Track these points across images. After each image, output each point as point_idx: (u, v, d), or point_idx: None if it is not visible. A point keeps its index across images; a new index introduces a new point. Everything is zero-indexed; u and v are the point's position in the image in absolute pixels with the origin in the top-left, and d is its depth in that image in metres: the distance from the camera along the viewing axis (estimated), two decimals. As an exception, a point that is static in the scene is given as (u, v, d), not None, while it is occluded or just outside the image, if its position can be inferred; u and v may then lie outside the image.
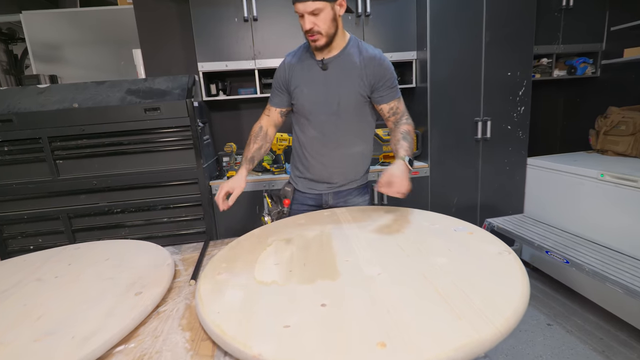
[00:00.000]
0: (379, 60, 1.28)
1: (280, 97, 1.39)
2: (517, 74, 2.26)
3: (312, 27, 1.18)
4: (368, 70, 1.27)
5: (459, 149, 2.31)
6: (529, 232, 2.14)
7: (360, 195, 1.48)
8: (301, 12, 1.17)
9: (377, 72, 1.27)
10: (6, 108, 1.83)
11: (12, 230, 2.01)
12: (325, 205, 1.47)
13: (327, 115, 1.32)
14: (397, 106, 1.33)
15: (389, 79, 1.29)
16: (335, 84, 1.29)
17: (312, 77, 1.31)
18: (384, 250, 0.98)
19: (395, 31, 2.27)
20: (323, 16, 1.17)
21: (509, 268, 0.83)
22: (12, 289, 0.96)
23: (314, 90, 1.31)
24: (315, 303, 0.75)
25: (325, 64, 1.29)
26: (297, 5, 1.16)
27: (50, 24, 2.41)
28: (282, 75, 1.37)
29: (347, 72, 1.28)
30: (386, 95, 1.31)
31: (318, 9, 1.15)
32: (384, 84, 1.29)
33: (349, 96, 1.29)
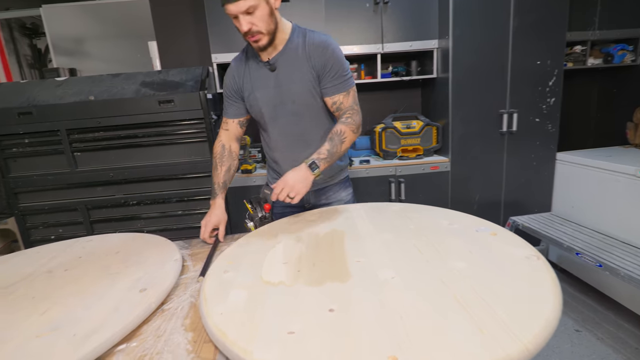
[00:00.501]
0: (323, 47, 1.15)
1: (235, 107, 1.29)
2: (547, 62, 2.11)
3: (250, 27, 1.06)
4: (313, 60, 1.16)
5: (482, 143, 2.19)
6: (557, 231, 2.01)
7: (342, 190, 1.41)
8: (234, 14, 1.04)
9: (320, 61, 1.16)
10: (26, 101, 1.87)
11: (34, 221, 2.06)
12: (307, 205, 1.40)
13: (286, 116, 1.24)
14: (342, 102, 1.20)
15: (333, 67, 1.16)
16: (286, 83, 1.19)
17: (262, 80, 1.21)
18: (399, 251, 0.92)
19: (415, 19, 2.16)
20: (259, 14, 1.05)
21: (537, 275, 0.76)
22: (23, 281, 0.96)
23: (267, 94, 1.22)
24: (323, 307, 0.70)
25: (272, 64, 1.19)
26: (228, 6, 1.03)
27: (70, 17, 2.44)
28: (232, 83, 1.27)
29: (295, 67, 1.17)
30: (330, 87, 1.18)
31: (252, 6, 1.03)
32: (327, 74, 1.16)
33: (302, 92, 1.20)
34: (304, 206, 1.41)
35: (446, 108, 2.14)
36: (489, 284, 0.73)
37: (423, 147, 2.25)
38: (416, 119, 2.28)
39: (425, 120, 2.24)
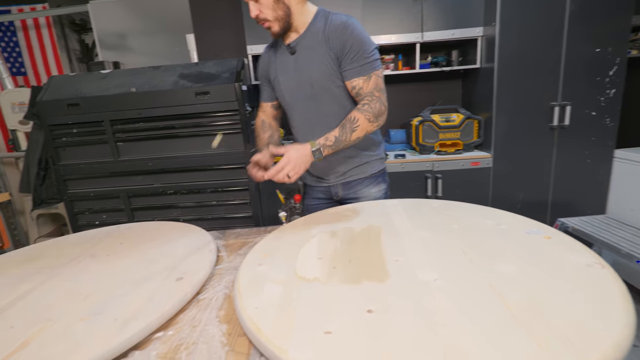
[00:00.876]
0: (342, 27, 1.10)
1: (267, 91, 1.35)
2: (607, 50, 1.92)
3: (257, 14, 1.09)
4: (332, 42, 1.12)
5: (529, 138, 2.04)
6: (613, 236, 1.84)
7: (374, 185, 1.34)
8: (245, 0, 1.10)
9: (339, 42, 1.11)
10: (74, 92, 1.96)
11: (81, 207, 2.17)
12: (335, 198, 1.39)
13: (305, 101, 1.22)
14: (362, 86, 1.13)
15: (352, 49, 1.10)
16: (305, 66, 1.18)
17: (284, 64, 1.23)
18: (441, 251, 0.86)
19: (458, 5, 2.03)
20: (263, 1, 1.08)
21: (603, 286, 0.67)
22: (70, 263, 1.01)
23: (288, 78, 1.23)
24: (360, 308, 0.66)
25: (292, 48, 1.19)
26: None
27: (114, 13, 2.54)
28: (262, 68, 1.32)
29: (314, 50, 1.15)
30: (348, 70, 1.13)
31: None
32: (346, 56, 1.12)
33: (320, 76, 1.17)
34: (332, 198, 1.39)
35: (490, 100, 2.01)
36: (545, 293, 0.66)
37: (463, 142, 2.13)
38: (456, 111, 2.16)
39: (466, 114, 2.12)
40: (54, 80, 2.05)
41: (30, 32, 3.10)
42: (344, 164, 1.31)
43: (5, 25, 3.11)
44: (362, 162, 1.31)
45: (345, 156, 1.29)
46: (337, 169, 1.31)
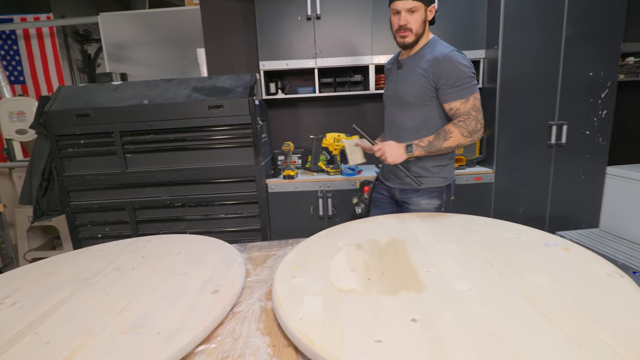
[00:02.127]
0: (443, 59, 1.29)
1: None
2: (600, 74, 2.04)
3: (405, 23, 1.28)
4: (431, 69, 1.31)
5: (528, 155, 2.13)
6: (609, 248, 1.92)
7: (426, 198, 1.44)
8: (400, 9, 1.28)
9: (438, 71, 1.30)
10: (84, 103, 1.96)
11: (83, 219, 2.14)
12: (394, 198, 1.55)
13: (395, 108, 1.45)
14: (459, 108, 1.31)
15: (451, 78, 1.29)
16: (403, 80, 1.40)
17: (391, 75, 1.49)
18: (469, 263, 0.90)
19: (462, 29, 2.14)
20: (417, 16, 1.29)
21: (627, 292, 0.72)
22: (94, 277, 1.00)
23: (390, 87, 1.49)
24: (404, 317, 0.69)
25: (400, 63, 1.42)
26: (398, 3, 1.27)
27: (123, 25, 2.56)
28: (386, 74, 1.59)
29: (414, 70, 1.36)
30: (447, 94, 1.31)
31: (416, 7, 1.27)
32: (445, 83, 1.30)
33: (411, 92, 1.37)
34: (392, 197, 1.56)
35: (492, 118, 2.10)
36: (576, 301, 0.70)
37: (466, 158, 2.20)
38: (459, 128, 2.24)
39: (469, 130, 2.21)
40: (63, 90, 2.05)
41: (32, 41, 3.08)
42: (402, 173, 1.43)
43: (7, 34, 3.08)
44: (422, 175, 1.43)
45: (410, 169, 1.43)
46: (398, 175, 1.47)
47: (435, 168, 1.42)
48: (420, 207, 1.45)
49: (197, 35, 2.39)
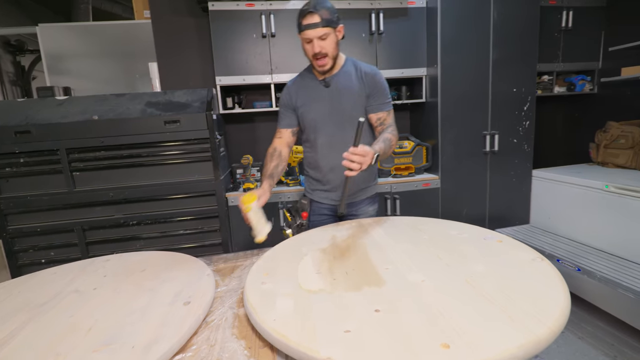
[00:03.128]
0: (373, 74, 1.43)
1: (289, 118, 1.51)
2: (522, 90, 2.36)
3: (320, 50, 1.32)
4: (365, 83, 1.42)
5: (468, 162, 2.38)
6: (538, 241, 2.20)
7: (370, 205, 1.58)
8: (311, 38, 1.31)
9: (371, 84, 1.42)
10: (24, 119, 1.84)
11: (23, 244, 1.98)
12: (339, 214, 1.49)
13: (335, 125, 1.44)
14: (385, 118, 1.44)
15: (381, 90, 1.43)
16: (338, 97, 1.43)
17: (317, 95, 1.45)
18: (421, 258, 1.01)
19: (406, 49, 2.36)
20: (329, 41, 1.32)
21: (546, 273, 0.87)
22: (52, 301, 0.95)
23: (321, 105, 1.45)
24: (368, 309, 0.77)
25: (327, 82, 1.44)
26: (308, 32, 1.30)
27: (65, 37, 2.43)
28: (288, 99, 1.51)
29: (347, 85, 1.42)
30: (376, 105, 1.43)
31: (326, 33, 1.30)
32: (376, 95, 1.42)
33: (352, 106, 1.42)
34: (337, 215, 1.55)
35: (435, 129, 2.32)
36: (508, 283, 0.83)
37: (415, 166, 2.40)
38: (407, 139, 2.44)
39: (416, 141, 2.41)
40: (-2, 106, 1.90)
41: (-46, 52, 2.80)
42: (355, 188, 1.50)
43: None
44: (367, 185, 1.54)
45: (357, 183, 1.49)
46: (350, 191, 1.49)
47: (373, 175, 1.58)
48: (368, 214, 1.56)
49: (147, 49, 2.35)
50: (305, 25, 1.29)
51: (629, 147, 2.33)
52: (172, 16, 2.33)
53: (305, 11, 1.29)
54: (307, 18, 1.29)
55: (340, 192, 1.50)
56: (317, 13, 1.27)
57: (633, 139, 2.31)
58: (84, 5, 2.91)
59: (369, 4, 2.26)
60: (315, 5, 1.28)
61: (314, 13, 1.27)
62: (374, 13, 2.26)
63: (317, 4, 1.29)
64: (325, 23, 1.28)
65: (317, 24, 1.27)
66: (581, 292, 2.18)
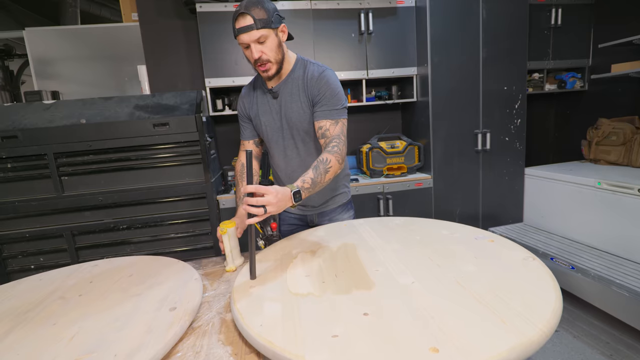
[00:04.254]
0: (319, 77, 1.23)
1: (248, 129, 1.40)
2: (512, 88, 2.36)
3: (260, 55, 1.15)
4: (309, 89, 1.24)
5: (460, 160, 2.38)
6: (532, 239, 2.20)
7: (345, 212, 1.49)
8: (247, 42, 1.14)
9: (314, 89, 1.23)
10: (11, 124, 1.81)
11: (12, 250, 1.95)
12: (310, 224, 1.48)
13: (286, 140, 1.32)
14: (328, 128, 1.22)
15: (325, 96, 1.22)
16: (285, 110, 1.28)
17: (265, 106, 1.32)
18: (412, 259, 1.00)
19: (396, 48, 2.35)
20: (269, 44, 1.16)
21: (537, 272, 0.86)
22: (36, 308, 0.93)
23: (269, 119, 1.32)
24: (357, 312, 0.76)
25: (275, 92, 1.28)
26: (242, 36, 1.13)
27: (53, 41, 2.40)
28: (242, 109, 1.39)
29: (293, 95, 1.26)
30: (318, 112, 1.23)
31: (263, 36, 1.13)
32: (320, 101, 1.23)
33: (298, 119, 1.27)
34: (308, 224, 1.49)
35: (427, 129, 2.32)
36: (499, 283, 0.82)
37: (407, 166, 2.39)
38: (399, 139, 2.43)
39: (408, 140, 2.40)
40: (-16, 111, 1.87)
41: (-60, 56, 2.76)
42: (320, 197, 1.42)
43: None
44: (335, 194, 1.45)
45: (321, 193, 1.39)
46: (314, 201, 1.42)
47: (344, 181, 1.47)
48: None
49: (136, 51, 2.32)
50: (239, 29, 1.12)
51: (620, 143, 2.34)
52: (160, 19, 2.31)
53: (237, 12, 1.12)
54: (239, 21, 1.11)
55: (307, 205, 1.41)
56: (249, 14, 1.10)
57: (624, 135, 2.32)
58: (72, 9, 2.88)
59: (357, 4, 2.26)
60: (247, 5, 1.10)
61: (246, 14, 1.10)
62: (363, 13, 2.25)
63: (249, 3, 1.11)
64: (261, 24, 1.11)
65: (251, 26, 1.10)
66: (575, 290, 2.18)
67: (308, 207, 1.44)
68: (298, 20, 2.22)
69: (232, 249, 1.19)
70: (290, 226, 1.49)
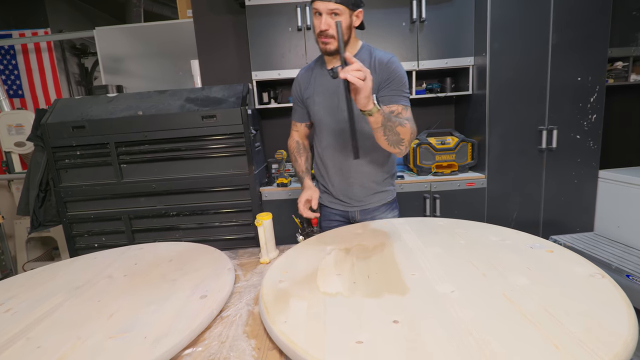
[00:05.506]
0: (388, 62, 1.24)
1: (300, 112, 1.44)
2: (588, 79, 2.08)
3: (327, 28, 1.16)
4: (376, 74, 1.23)
5: (520, 160, 2.15)
6: (603, 252, 1.93)
7: (389, 212, 1.44)
8: (321, 10, 1.15)
9: (383, 74, 1.23)
10: (80, 115, 1.99)
11: (80, 229, 2.15)
12: (352, 221, 1.44)
13: (340, 123, 1.30)
14: (400, 112, 1.23)
15: (395, 81, 1.23)
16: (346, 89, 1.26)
17: (323, 85, 1.32)
18: (454, 266, 0.91)
19: (451, 37, 2.19)
20: (340, 20, 1.15)
21: (606, 294, 0.73)
22: (86, 285, 1.01)
23: (326, 99, 1.31)
24: (386, 319, 0.70)
25: (335, 72, 1.22)
26: (318, 3, 1.14)
27: (118, 39, 2.62)
28: (296, 89, 1.41)
29: None
30: (388, 96, 1.23)
31: (338, 9, 1.14)
32: (388, 85, 1.23)
33: None
34: (349, 221, 1.45)
35: (483, 124, 2.13)
36: (556, 301, 0.71)
37: (458, 164, 2.23)
38: (451, 135, 2.27)
39: (460, 137, 2.23)
40: (59, 103, 2.08)
41: (31, 55, 3.14)
42: (364, 191, 1.38)
43: (5, 49, 3.14)
44: (379, 191, 1.40)
45: (366, 186, 1.38)
46: (358, 194, 1.39)
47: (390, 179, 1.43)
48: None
49: (190, 47, 2.44)
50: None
51: None
52: (212, 14, 2.40)
53: None
54: None
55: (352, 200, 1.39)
56: None
57: None
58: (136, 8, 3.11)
59: (410, -10, 2.13)
60: None
61: None
62: (416, 0, 2.12)
63: None
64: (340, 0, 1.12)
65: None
66: (656, 312, 1.89)
67: (352, 202, 1.41)
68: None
69: (267, 241, 1.19)
70: (331, 222, 1.46)
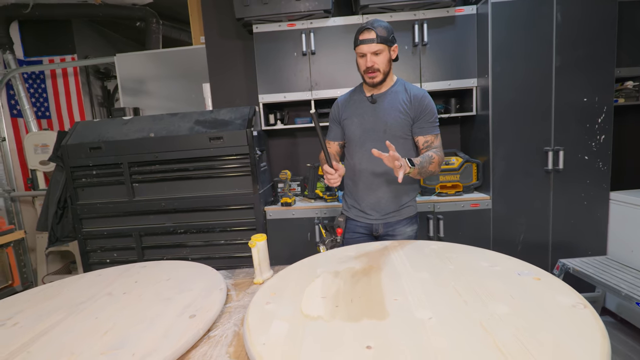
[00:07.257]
0: (422, 97, 1.45)
1: (335, 131, 1.59)
2: (595, 99, 2.05)
3: (372, 65, 1.38)
4: (412, 105, 1.44)
5: (525, 181, 2.12)
6: (614, 277, 1.85)
7: (409, 225, 1.56)
8: (365, 52, 1.38)
9: (419, 107, 1.44)
10: (97, 137, 2.12)
11: (93, 245, 2.26)
12: (375, 233, 1.57)
13: (374, 142, 1.45)
14: (433, 141, 1.46)
15: (429, 114, 1.45)
16: (383, 113, 1.46)
17: (362, 109, 1.51)
18: (437, 291, 0.92)
19: (453, 59, 2.22)
20: (382, 57, 1.39)
21: (584, 326, 0.72)
22: (87, 301, 1.06)
23: (364, 119, 1.49)
24: (361, 344, 0.72)
25: (374, 98, 1.48)
26: (363, 47, 1.38)
27: (137, 64, 2.79)
28: (335, 111, 1.59)
29: (393, 104, 1.46)
30: (424, 128, 1.46)
31: (380, 49, 1.38)
32: (424, 118, 1.45)
33: (394, 124, 1.45)
34: (372, 234, 1.56)
35: (487, 145, 2.13)
36: (532, 332, 0.71)
37: (462, 184, 2.22)
38: (455, 155, 2.27)
39: (465, 157, 2.23)
40: (79, 125, 2.23)
41: (58, 79, 3.38)
42: (390, 205, 1.51)
43: (36, 74, 3.39)
44: (403, 206, 1.53)
45: (394, 202, 1.52)
46: (384, 208, 1.51)
47: (413, 194, 1.58)
48: (405, 235, 1.54)
49: (203, 70, 2.57)
50: (361, 40, 1.38)
51: None
52: (223, 40, 2.53)
53: (363, 27, 1.38)
54: (364, 34, 1.37)
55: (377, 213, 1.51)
56: (374, 30, 1.35)
57: None
58: (155, 35, 3.32)
59: (412, 15, 2.19)
60: (373, 22, 1.38)
61: (371, 30, 1.36)
62: (417, 24, 2.17)
63: (375, 21, 1.38)
64: (380, 40, 1.36)
65: (372, 39, 1.35)
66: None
67: (378, 215, 1.52)
68: (349, 35, 2.24)
69: (261, 261, 1.22)
70: (354, 234, 1.57)
